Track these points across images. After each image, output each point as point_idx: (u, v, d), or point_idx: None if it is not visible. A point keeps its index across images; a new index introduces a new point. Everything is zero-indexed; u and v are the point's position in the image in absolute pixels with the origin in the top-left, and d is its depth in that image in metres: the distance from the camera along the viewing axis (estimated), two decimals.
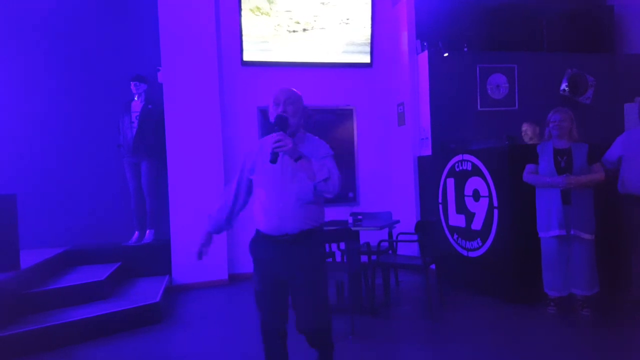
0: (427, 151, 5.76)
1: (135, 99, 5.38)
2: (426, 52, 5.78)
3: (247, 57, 5.80)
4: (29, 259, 4.28)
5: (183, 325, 4.12)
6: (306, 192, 2.19)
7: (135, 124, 5.28)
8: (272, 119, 2.23)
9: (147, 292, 4.60)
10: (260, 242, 2.32)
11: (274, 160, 2.06)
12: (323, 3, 5.90)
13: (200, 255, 2.44)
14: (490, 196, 4.45)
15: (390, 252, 4.71)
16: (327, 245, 4.82)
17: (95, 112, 5.67)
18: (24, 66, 5.54)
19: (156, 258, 5.35)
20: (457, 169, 4.91)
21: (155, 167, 5.39)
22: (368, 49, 6.17)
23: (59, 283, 4.28)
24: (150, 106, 5.38)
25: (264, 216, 2.26)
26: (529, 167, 3.98)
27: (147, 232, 5.45)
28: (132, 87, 5.34)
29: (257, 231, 2.34)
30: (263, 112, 5.84)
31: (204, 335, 3.84)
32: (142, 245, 5.39)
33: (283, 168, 2.21)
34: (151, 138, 5.32)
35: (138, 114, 5.31)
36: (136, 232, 5.45)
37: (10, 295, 3.71)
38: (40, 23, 5.59)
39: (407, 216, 5.84)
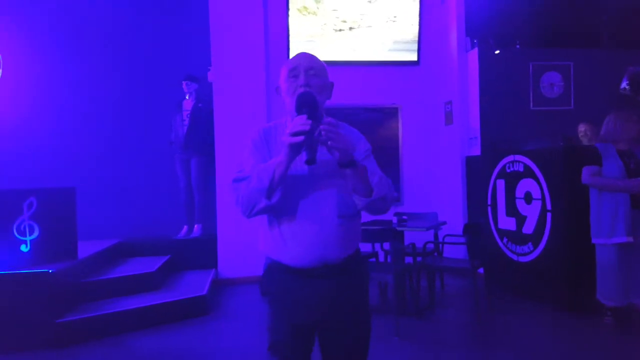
0: (476, 151, 5.62)
1: (187, 97, 5.55)
2: (476, 49, 5.63)
3: (293, 55, 5.84)
4: (85, 249, 4.48)
5: (229, 318, 4.22)
6: (348, 203, 1.56)
7: (187, 122, 5.45)
8: (286, 94, 1.61)
9: (195, 284, 4.73)
10: (284, 279, 1.62)
11: (312, 160, 1.40)
12: (370, 1, 5.86)
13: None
14: (543, 199, 4.28)
15: (435, 254, 4.63)
16: (370, 245, 4.80)
17: (149, 111, 5.89)
18: (85, 68, 5.83)
19: (203, 252, 5.50)
20: (508, 170, 4.76)
21: (205, 163, 5.53)
22: (415, 46, 6.08)
23: (112, 273, 4.48)
24: (200, 105, 5.53)
25: (289, 242, 1.56)
26: (591, 169, 3.72)
27: (195, 226, 5.60)
28: (184, 86, 5.51)
29: (275, 262, 1.64)
30: None
31: (249, 328, 3.91)
32: (190, 239, 5.55)
33: (313, 170, 1.53)
34: (201, 135, 5.47)
35: (189, 112, 5.47)
36: (185, 226, 5.62)
37: (69, 284, 3.90)
38: (100, 28, 5.86)
39: (454, 217, 5.71)
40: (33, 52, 5.78)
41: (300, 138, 1.37)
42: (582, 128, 4.95)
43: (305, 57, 1.65)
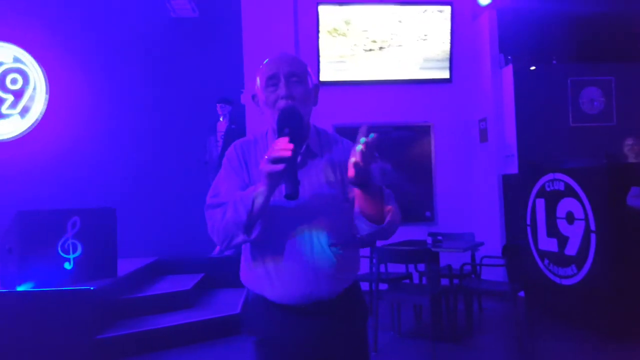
0: (513, 169, 5.47)
1: (221, 119, 5.67)
2: (510, 65, 5.54)
3: (323, 77, 5.89)
4: (124, 267, 4.58)
5: None
6: (341, 230, 1.36)
7: (220, 143, 5.56)
8: (264, 105, 1.39)
9: (228, 303, 4.74)
10: (270, 316, 1.40)
11: (293, 194, 1.19)
12: (400, 21, 5.86)
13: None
14: (586, 219, 4.10)
15: (473, 276, 4.48)
16: (404, 266, 4.70)
17: (184, 132, 6.08)
18: (125, 93, 6.11)
19: (236, 270, 5.42)
20: (548, 189, 4.60)
21: None
22: (447, 64, 6.02)
23: (150, 291, 4.56)
24: (233, 126, 5.64)
25: (274, 277, 1.35)
26: (635, 190, 3.57)
27: None
28: (218, 108, 5.64)
29: (259, 297, 1.41)
30: (338, 131, 5.85)
31: None
32: (224, 257, 5.58)
33: (303, 194, 1.28)
34: None
35: (223, 133, 5.59)
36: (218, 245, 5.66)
37: (108, 301, 4.00)
38: (139, 54, 6.15)
39: (491, 238, 5.54)
40: (78, 77, 6.13)
41: (280, 166, 1.18)
42: (629, 142, 4.75)
43: (285, 60, 1.39)
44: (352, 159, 1.18)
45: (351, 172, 1.20)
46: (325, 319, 1.37)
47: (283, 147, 1.18)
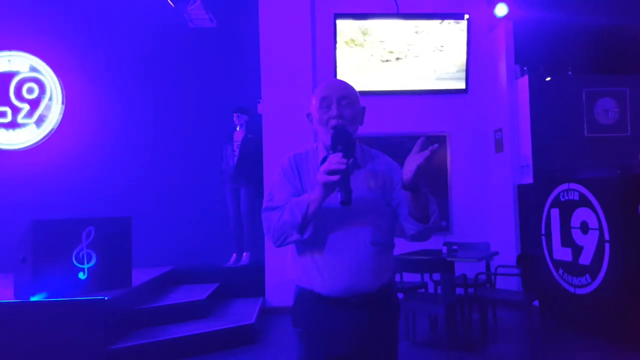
0: (528, 179, 5.47)
1: (237, 129, 5.76)
2: (526, 76, 5.56)
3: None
4: (139, 277, 4.61)
5: (277, 347, 4.22)
6: (383, 231, 1.58)
7: (237, 153, 5.63)
8: (318, 123, 1.63)
9: (243, 313, 4.79)
10: (315, 309, 1.59)
11: (347, 201, 1.40)
12: (417, 32, 5.93)
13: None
14: (600, 229, 4.09)
15: (488, 285, 4.48)
16: (419, 276, 4.72)
17: (201, 142, 6.16)
18: (142, 102, 6.20)
19: (251, 280, 5.57)
20: (563, 199, 4.59)
21: (254, 193, 5.66)
22: (463, 75, 6.06)
23: (164, 300, 4.59)
24: (250, 136, 5.72)
25: (323, 270, 1.55)
26: None
27: (244, 254, 5.70)
28: (235, 118, 5.73)
29: (306, 291, 1.62)
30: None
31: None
32: (239, 267, 5.65)
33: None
34: (251, 165, 5.63)
35: (239, 143, 5.66)
36: (234, 254, 5.73)
37: (123, 311, 4.01)
38: (156, 63, 6.24)
39: (506, 248, 5.53)
40: (94, 87, 6.22)
41: (336, 177, 1.40)
42: None
43: (337, 86, 1.64)
44: (413, 164, 1.42)
45: (408, 176, 1.43)
46: (365, 312, 1.56)
47: (338, 161, 1.41)
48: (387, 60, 5.97)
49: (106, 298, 3.68)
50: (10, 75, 6.19)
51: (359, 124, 1.67)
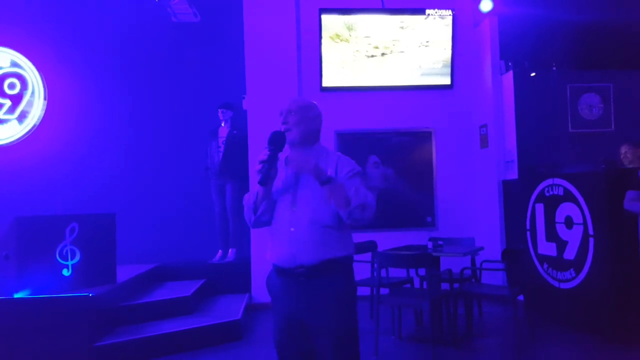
0: (513, 175, 5.50)
1: (222, 125, 5.69)
2: (511, 72, 5.59)
3: (326, 83, 5.94)
4: (124, 273, 4.57)
5: (262, 343, 4.20)
6: (322, 215, 1.87)
7: (222, 149, 5.57)
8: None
9: (229, 309, 4.76)
10: (275, 279, 1.98)
11: (263, 181, 1.84)
12: (402, 27, 5.92)
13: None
14: (585, 223, 4.13)
15: (473, 280, 4.50)
16: (405, 271, 4.73)
17: (185, 138, 6.08)
18: (125, 97, 6.10)
19: (237, 276, 5.53)
20: (547, 194, 4.63)
21: (239, 189, 5.61)
22: (448, 70, 6.07)
23: (150, 297, 4.55)
24: (235, 132, 5.66)
25: (275, 244, 1.94)
26: (630, 194, 3.63)
27: (230, 251, 5.66)
28: (220, 114, 5.67)
29: (272, 266, 2.01)
30: (340, 136, 5.92)
31: None
32: (225, 263, 5.60)
33: (295, 186, 1.94)
34: (236, 162, 5.58)
35: (224, 139, 5.61)
36: (219, 250, 5.69)
37: (108, 308, 3.97)
38: (138, 58, 6.14)
39: (491, 243, 5.57)
40: (76, 83, 6.11)
41: (260, 166, 1.85)
42: (623, 149, 4.79)
43: (291, 100, 2.05)
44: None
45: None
46: (308, 280, 1.86)
47: (262, 153, 1.88)
48: (372, 56, 5.96)
49: (91, 295, 3.66)
50: None
51: (310, 128, 2.02)
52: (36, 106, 6.09)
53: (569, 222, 4.33)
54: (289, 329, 1.91)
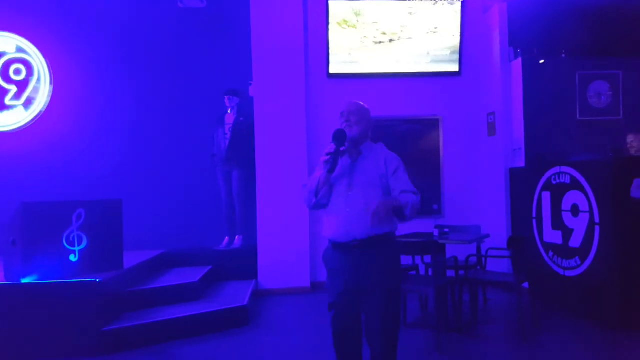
0: (520, 162, 5.48)
1: (229, 111, 5.70)
2: (520, 59, 5.53)
3: (333, 69, 5.90)
4: (131, 259, 4.61)
5: (269, 329, 4.25)
6: (373, 200, 2.20)
7: (229, 135, 5.59)
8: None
9: (236, 295, 4.80)
10: (332, 252, 2.35)
11: (331, 170, 2.23)
12: (411, 13, 5.86)
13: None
14: (591, 212, 4.12)
15: (478, 267, 4.52)
16: (410, 258, 4.75)
17: (192, 125, 6.09)
18: (132, 84, 6.09)
19: (244, 263, 5.57)
20: (554, 182, 4.61)
21: (246, 176, 5.64)
22: (456, 57, 6.01)
23: (156, 283, 4.60)
24: (242, 118, 5.66)
25: (332, 223, 2.32)
26: (637, 182, 3.62)
27: (236, 237, 5.70)
28: (226, 100, 5.67)
29: (329, 241, 2.38)
30: None
31: (289, 339, 3.93)
32: (231, 250, 5.65)
33: (351, 174, 2.31)
34: (242, 148, 5.59)
35: (231, 125, 5.61)
36: (226, 237, 5.73)
37: (115, 293, 4.02)
38: (146, 45, 6.13)
39: (497, 230, 5.57)
40: (82, 68, 6.11)
41: (326, 157, 2.25)
42: (630, 138, 4.76)
43: (349, 104, 2.44)
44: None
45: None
46: (361, 252, 2.23)
47: (329, 147, 2.27)
48: (380, 42, 5.91)
49: (98, 280, 3.69)
50: None
51: (366, 128, 2.41)
52: (42, 92, 6.08)
53: (575, 210, 4.32)
54: (345, 293, 2.25)
